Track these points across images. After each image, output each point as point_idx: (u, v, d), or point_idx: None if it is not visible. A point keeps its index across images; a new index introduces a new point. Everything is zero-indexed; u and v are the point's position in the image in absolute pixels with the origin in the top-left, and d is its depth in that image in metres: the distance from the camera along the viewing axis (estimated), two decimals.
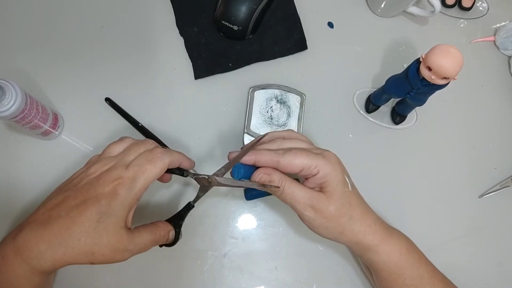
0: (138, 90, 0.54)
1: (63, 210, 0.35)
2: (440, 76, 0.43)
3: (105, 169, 0.37)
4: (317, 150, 0.40)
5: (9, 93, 0.41)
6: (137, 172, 0.36)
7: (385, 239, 0.41)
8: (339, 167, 0.39)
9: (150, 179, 0.37)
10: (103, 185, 0.35)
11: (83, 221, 0.34)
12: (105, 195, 0.35)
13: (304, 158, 0.38)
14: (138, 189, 0.36)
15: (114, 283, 0.47)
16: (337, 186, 0.39)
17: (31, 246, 0.34)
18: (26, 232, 0.35)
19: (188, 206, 0.43)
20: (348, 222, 0.39)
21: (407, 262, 0.42)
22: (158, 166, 0.37)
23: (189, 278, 0.48)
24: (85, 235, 0.34)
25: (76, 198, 0.35)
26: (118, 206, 0.35)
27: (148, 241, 0.38)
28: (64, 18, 0.56)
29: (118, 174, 0.36)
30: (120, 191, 0.35)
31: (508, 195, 0.55)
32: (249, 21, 0.54)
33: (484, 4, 0.64)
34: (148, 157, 0.38)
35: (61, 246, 0.34)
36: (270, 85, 0.54)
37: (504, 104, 0.59)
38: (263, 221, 0.51)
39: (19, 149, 0.50)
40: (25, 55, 0.54)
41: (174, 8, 0.57)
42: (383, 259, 0.41)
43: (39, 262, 0.34)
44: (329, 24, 0.60)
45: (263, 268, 0.49)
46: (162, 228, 0.40)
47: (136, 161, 0.37)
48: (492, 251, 0.53)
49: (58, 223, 0.34)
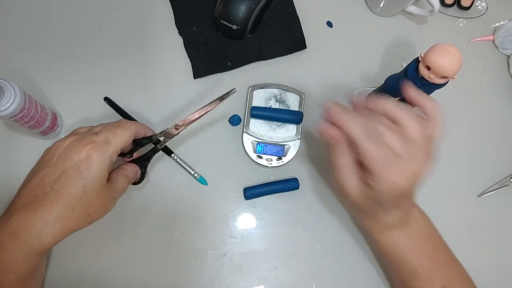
0: (137, 90, 0.54)
1: (47, 186, 0.36)
2: (439, 75, 0.43)
3: (73, 139, 0.38)
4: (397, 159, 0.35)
5: (8, 92, 0.41)
6: (107, 135, 0.38)
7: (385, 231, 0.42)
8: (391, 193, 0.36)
9: (121, 141, 0.39)
10: (77, 152, 0.36)
11: (70, 190, 0.35)
12: (82, 161, 0.36)
13: (374, 162, 0.35)
14: (112, 150, 0.38)
15: (114, 283, 0.47)
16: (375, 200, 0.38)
17: (28, 228, 0.35)
18: (18, 216, 0.35)
19: (154, 149, 0.45)
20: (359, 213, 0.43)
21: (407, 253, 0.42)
22: (127, 130, 0.40)
23: (189, 278, 0.48)
24: (76, 203, 0.36)
25: (55, 172, 0.36)
26: (97, 169, 0.37)
27: (125, 184, 0.41)
28: (63, 18, 0.56)
29: (89, 139, 0.37)
30: (95, 154, 0.37)
31: (507, 194, 0.55)
32: (248, 21, 0.54)
33: (483, 3, 0.64)
34: (116, 124, 0.40)
35: (58, 220, 0.35)
36: (269, 84, 0.54)
37: (503, 103, 0.59)
38: (262, 220, 0.51)
39: (18, 148, 0.50)
40: (24, 54, 0.54)
41: (173, 7, 0.57)
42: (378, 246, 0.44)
43: (40, 240, 0.35)
44: (328, 23, 0.60)
45: (262, 267, 0.49)
46: (130, 169, 0.42)
47: (105, 128, 0.39)
48: (491, 250, 0.53)
49: (47, 199, 0.35)
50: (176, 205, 0.50)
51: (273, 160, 0.51)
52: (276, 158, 0.51)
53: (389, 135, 0.35)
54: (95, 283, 0.47)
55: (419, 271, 0.42)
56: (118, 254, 0.48)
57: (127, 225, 0.49)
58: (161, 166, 0.51)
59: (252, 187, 0.51)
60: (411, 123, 0.36)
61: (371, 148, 0.35)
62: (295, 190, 0.51)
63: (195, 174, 0.51)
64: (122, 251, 0.48)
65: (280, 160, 0.51)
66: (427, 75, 0.43)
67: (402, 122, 0.36)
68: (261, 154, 0.51)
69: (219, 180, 0.51)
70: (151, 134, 0.45)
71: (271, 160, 0.51)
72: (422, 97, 0.39)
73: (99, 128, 0.40)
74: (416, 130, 0.36)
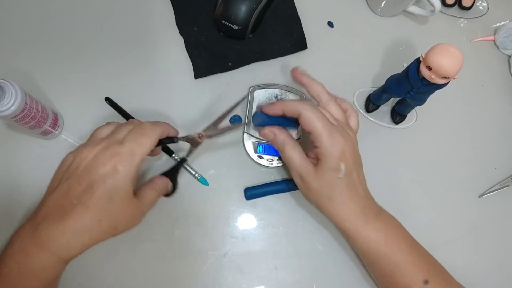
0: (137, 90, 0.54)
1: (74, 198, 0.36)
2: (440, 76, 0.43)
3: (98, 149, 0.38)
4: (335, 128, 0.41)
5: (9, 92, 0.41)
6: (133, 146, 0.37)
7: (360, 228, 0.42)
8: (338, 153, 0.40)
9: (146, 151, 0.39)
10: (103, 165, 0.36)
11: (96, 203, 0.36)
12: (108, 174, 0.36)
13: (320, 124, 0.40)
14: (137, 162, 0.38)
15: (114, 283, 0.47)
16: (327, 168, 0.40)
17: (56, 239, 0.35)
18: (45, 227, 0.36)
19: (182, 160, 0.45)
20: (326, 202, 0.42)
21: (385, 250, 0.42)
22: (151, 137, 0.39)
23: (189, 278, 0.48)
24: (103, 215, 0.36)
25: (81, 184, 0.36)
26: (123, 181, 0.37)
27: (154, 197, 0.41)
28: (64, 18, 0.56)
29: (114, 151, 0.37)
30: (121, 166, 0.36)
31: (508, 194, 0.55)
32: (249, 21, 0.54)
33: (484, 4, 0.64)
34: (140, 131, 0.39)
35: (85, 232, 0.36)
36: (270, 84, 0.54)
37: (504, 103, 0.59)
38: (263, 220, 0.51)
39: (19, 148, 0.50)
40: (25, 54, 0.54)
41: (174, 7, 0.57)
42: (360, 246, 0.43)
43: (68, 251, 0.36)
44: (329, 23, 0.60)
45: (263, 267, 0.49)
46: (161, 182, 0.43)
47: (129, 136, 0.38)
48: (492, 251, 0.53)
49: (74, 212, 0.35)
50: (176, 205, 0.50)
51: (274, 161, 0.51)
52: (277, 158, 0.51)
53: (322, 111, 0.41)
54: (95, 283, 0.47)
55: (401, 265, 0.42)
56: (119, 255, 0.48)
57: None
58: (161, 166, 0.51)
59: (253, 187, 0.51)
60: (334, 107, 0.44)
61: (315, 112, 0.40)
62: (296, 191, 0.51)
63: (195, 174, 0.51)
64: (122, 251, 0.48)
65: (281, 161, 0.51)
66: (428, 75, 0.43)
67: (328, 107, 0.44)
68: (262, 155, 0.51)
69: (219, 180, 0.51)
70: (174, 134, 0.44)
71: (272, 160, 0.51)
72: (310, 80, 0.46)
73: (122, 134, 0.39)
74: (340, 112, 0.44)
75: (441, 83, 0.44)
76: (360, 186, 0.43)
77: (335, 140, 0.40)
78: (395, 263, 0.42)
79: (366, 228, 0.42)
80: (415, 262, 0.43)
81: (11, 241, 0.37)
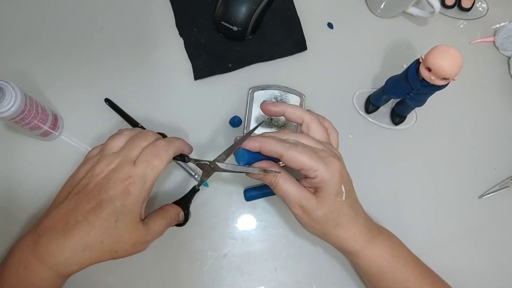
0: (137, 91, 0.54)
1: (79, 215, 0.35)
2: (439, 77, 0.43)
3: (111, 167, 0.37)
4: (324, 152, 0.39)
5: (9, 94, 0.41)
6: (145, 169, 0.37)
7: (367, 246, 0.41)
8: (337, 177, 0.38)
9: (158, 173, 0.38)
10: (114, 186, 0.36)
11: (102, 224, 0.35)
12: (118, 196, 0.35)
13: (307, 158, 0.38)
14: (149, 185, 0.37)
15: (115, 284, 0.47)
16: (330, 194, 0.39)
17: (56, 254, 0.35)
18: (46, 240, 0.35)
19: (194, 189, 0.44)
20: (333, 228, 0.40)
21: (390, 267, 0.42)
22: (164, 160, 0.38)
23: (189, 279, 0.48)
24: (106, 237, 0.35)
25: (90, 202, 0.36)
26: (133, 204, 0.36)
27: (163, 226, 0.40)
28: (64, 19, 0.56)
29: (127, 172, 0.36)
30: (132, 189, 0.36)
31: (507, 195, 0.55)
32: (249, 22, 0.54)
33: (483, 5, 0.64)
34: (154, 152, 0.38)
35: (86, 251, 0.35)
36: (270, 85, 0.54)
37: (504, 104, 0.59)
38: (262, 222, 0.51)
39: (18, 149, 0.50)
40: (24, 55, 0.54)
41: (173, 8, 0.58)
42: (365, 264, 0.42)
43: (66, 268, 0.35)
44: (328, 24, 0.60)
45: (262, 268, 0.49)
46: (172, 211, 0.41)
47: (143, 157, 0.37)
48: (492, 252, 0.53)
49: (78, 229, 0.35)
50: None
51: None
52: None
53: (304, 140, 0.40)
54: (94, 283, 0.47)
55: (410, 280, 0.42)
56: None
57: None
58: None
59: (253, 188, 0.51)
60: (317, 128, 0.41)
61: (296, 149, 0.38)
62: None
63: (195, 175, 0.51)
64: None
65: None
66: (427, 76, 0.43)
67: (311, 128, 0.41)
68: None
69: (219, 181, 0.51)
70: (188, 151, 0.43)
71: None
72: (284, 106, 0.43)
73: (136, 152, 0.38)
74: (323, 132, 0.42)
75: (440, 84, 0.44)
76: (358, 202, 0.42)
77: (331, 165, 0.38)
78: (403, 280, 0.42)
79: (373, 244, 0.42)
80: (422, 276, 0.43)
81: (12, 251, 0.37)
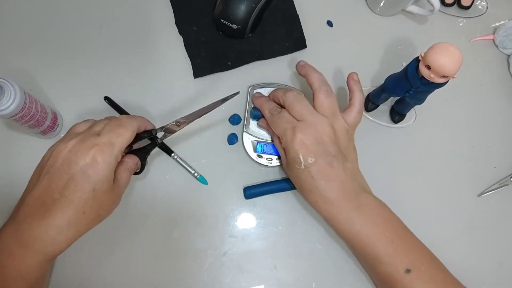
0: (137, 89, 0.54)
1: (55, 193, 0.35)
2: (439, 75, 0.43)
3: (74, 142, 0.37)
4: (298, 124, 0.44)
5: (8, 92, 0.41)
6: (111, 137, 0.38)
7: (345, 215, 0.43)
8: (296, 146, 0.43)
9: (125, 141, 0.39)
10: (82, 157, 0.36)
11: (80, 196, 0.35)
12: (88, 165, 0.36)
13: (279, 128, 0.45)
14: (116, 151, 0.38)
15: (114, 283, 0.47)
16: (290, 159, 0.44)
17: (40, 236, 0.34)
18: (27, 226, 0.35)
19: (155, 142, 0.46)
20: (299, 189, 0.46)
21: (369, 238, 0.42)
22: (129, 129, 0.39)
23: (189, 277, 0.48)
24: (87, 207, 0.36)
25: (62, 178, 0.36)
26: (105, 171, 0.37)
27: (128, 177, 0.41)
28: (63, 17, 0.56)
29: (92, 142, 0.37)
30: (100, 157, 0.36)
31: (507, 193, 0.55)
32: (248, 20, 0.54)
33: (483, 3, 0.64)
34: (117, 123, 0.39)
35: (71, 225, 0.35)
36: (269, 83, 0.54)
37: (503, 102, 0.59)
38: (262, 220, 0.51)
39: (18, 147, 0.50)
40: (24, 54, 0.54)
41: (173, 7, 0.57)
42: (344, 234, 0.44)
43: (54, 247, 0.35)
44: (328, 23, 0.60)
45: (262, 267, 0.49)
46: (131, 162, 0.42)
47: (107, 128, 0.38)
48: (491, 250, 0.53)
49: (57, 207, 0.35)
50: (176, 205, 0.50)
51: (273, 160, 0.51)
52: (276, 157, 0.51)
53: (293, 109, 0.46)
54: (94, 283, 0.47)
55: (381, 256, 0.42)
56: (118, 254, 0.48)
57: (127, 225, 0.49)
58: (161, 165, 0.51)
59: (252, 186, 0.51)
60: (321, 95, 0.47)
61: (273, 121, 0.46)
62: (295, 190, 0.51)
63: (195, 173, 0.51)
64: (122, 251, 0.48)
65: (280, 160, 0.51)
66: (427, 74, 0.43)
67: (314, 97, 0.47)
68: (261, 154, 0.51)
69: (219, 179, 0.51)
70: (151, 128, 0.45)
71: (271, 159, 0.51)
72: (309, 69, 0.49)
73: (99, 127, 0.39)
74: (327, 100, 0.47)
75: (440, 82, 0.44)
76: (334, 173, 0.43)
77: (294, 136, 0.43)
78: (377, 253, 0.42)
79: (349, 215, 0.42)
80: (398, 250, 0.42)
81: None
